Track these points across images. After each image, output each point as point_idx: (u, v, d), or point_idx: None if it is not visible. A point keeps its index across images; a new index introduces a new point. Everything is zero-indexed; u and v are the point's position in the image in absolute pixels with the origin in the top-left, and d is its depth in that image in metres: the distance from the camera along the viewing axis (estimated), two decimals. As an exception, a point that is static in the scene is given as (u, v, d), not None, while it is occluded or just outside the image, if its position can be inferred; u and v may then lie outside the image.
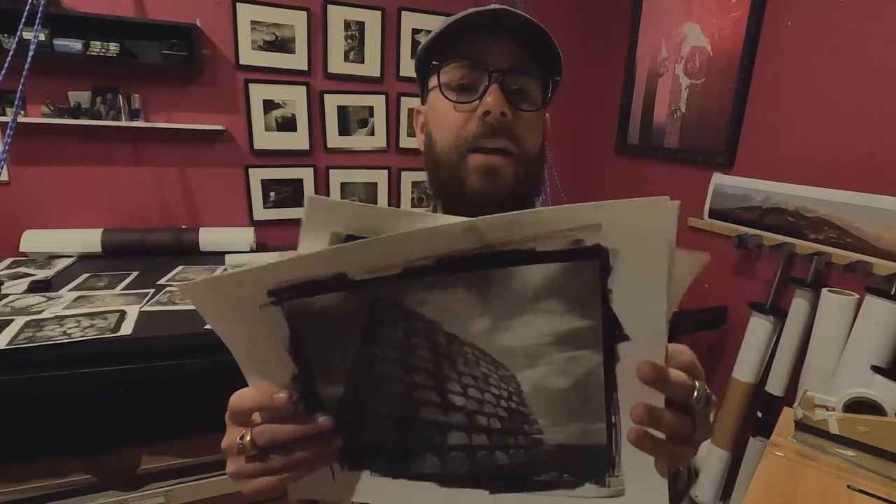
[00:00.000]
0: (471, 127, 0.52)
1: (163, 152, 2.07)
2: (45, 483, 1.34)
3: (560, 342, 0.33)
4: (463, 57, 0.53)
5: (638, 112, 2.25)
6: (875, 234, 1.36)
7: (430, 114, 0.58)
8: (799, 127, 1.58)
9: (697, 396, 0.33)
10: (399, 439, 0.37)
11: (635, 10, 2.23)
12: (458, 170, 0.53)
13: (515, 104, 0.53)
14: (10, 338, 1.24)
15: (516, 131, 0.53)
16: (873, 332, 1.30)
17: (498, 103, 0.51)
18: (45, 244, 1.91)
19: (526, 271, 0.31)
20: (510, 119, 0.51)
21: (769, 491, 0.90)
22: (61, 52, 1.74)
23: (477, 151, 0.52)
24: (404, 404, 0.36)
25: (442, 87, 0.54)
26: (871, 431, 0.97)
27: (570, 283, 0.31)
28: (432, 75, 0.55)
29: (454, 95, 0.53)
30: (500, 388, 0.34)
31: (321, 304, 0.33)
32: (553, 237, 0.30)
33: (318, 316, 0.33)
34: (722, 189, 1.83)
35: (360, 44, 2.24)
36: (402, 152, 2.44)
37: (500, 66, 0.52)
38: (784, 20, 1.61)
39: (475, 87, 0.53)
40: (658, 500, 0.34)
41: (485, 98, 0.51)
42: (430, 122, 0.58)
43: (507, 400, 0.34)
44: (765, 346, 1.63)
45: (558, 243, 0.30)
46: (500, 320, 0.33)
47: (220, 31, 2.03)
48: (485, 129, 0.51)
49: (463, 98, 0.53)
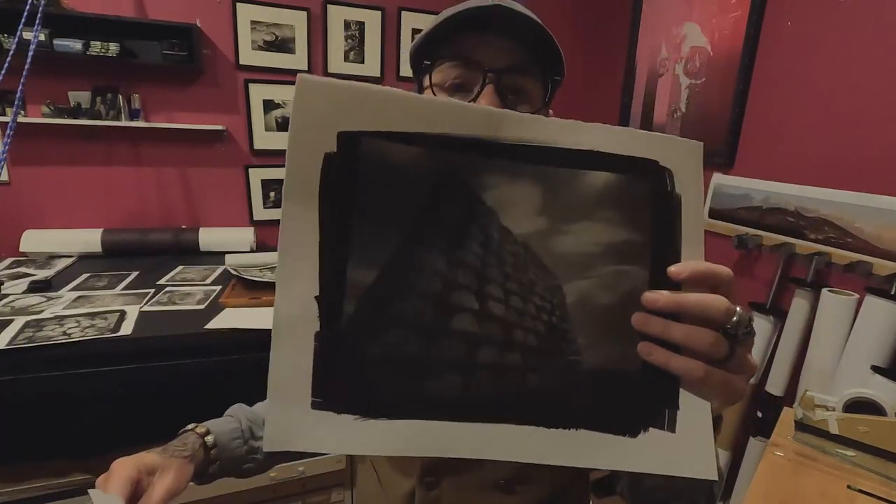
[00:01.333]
0: None
1: (163, 152, 2.07)
2: (45, 483, 1.34)
3: (612, 254, 0.32)
4: (456, 56, 0.50)
5: (638, 112, 2.25)
6: (875, 234, 1.36)
7: None
8: (799, 127, 1.58)
9: (738, 320, 0.31)
10: (420, 350, 0.32)
11: (635, 10, 2.23)
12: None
13: (512, 106, 0.50)
14: (10, 338, 1.24)
15: None
16: (873, 332, 1.30)
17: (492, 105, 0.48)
18: (45, 244, 1.91)
19: (590, 176, 0.32)
20: None
21: (769, 491, 0.90)
22: (61, 52, 1.74)
23: None
24: (438, 306, 0.31)
25: (434, 88, 0.52)
26: (870, 431, 0.97)
27: (628, 195, 0.32)
28: (425, 74, 0.53)
29: (447, 97, 0.51)
30: (543, 299, 0.32)
31: (394, 155, 0.30)
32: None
33: (384, 170, 0.30)
34: (722, 189, 1.83)
35: (360, 44, 2.24)
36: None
37: (496, 65, 0.49)
38: (784, 20, 1.61)
39: (469, 87, 0.50)
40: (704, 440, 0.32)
41: (478, 100, 0.49)
42: None
43: (550, 314, 0.32)
44: (765, 346, 1.63)
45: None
46: (558, 223, 0.32)
47: (220, 31, 2.03)
48: None
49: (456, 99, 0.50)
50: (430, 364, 0.32)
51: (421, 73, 0.55)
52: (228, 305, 1.54)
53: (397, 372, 0.32)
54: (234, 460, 0.61)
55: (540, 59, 0.51)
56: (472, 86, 0.50)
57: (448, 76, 0.51)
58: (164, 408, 1.44)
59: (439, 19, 0.50)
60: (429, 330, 0.31)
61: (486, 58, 0.49)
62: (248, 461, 0.63)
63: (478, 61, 0.49)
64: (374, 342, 0.31)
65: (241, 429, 0.63)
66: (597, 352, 0.32)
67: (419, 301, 0.31)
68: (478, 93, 0.49)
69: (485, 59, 0.49)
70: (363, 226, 0.31)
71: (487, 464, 0.60)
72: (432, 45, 0.51)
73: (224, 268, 1.88)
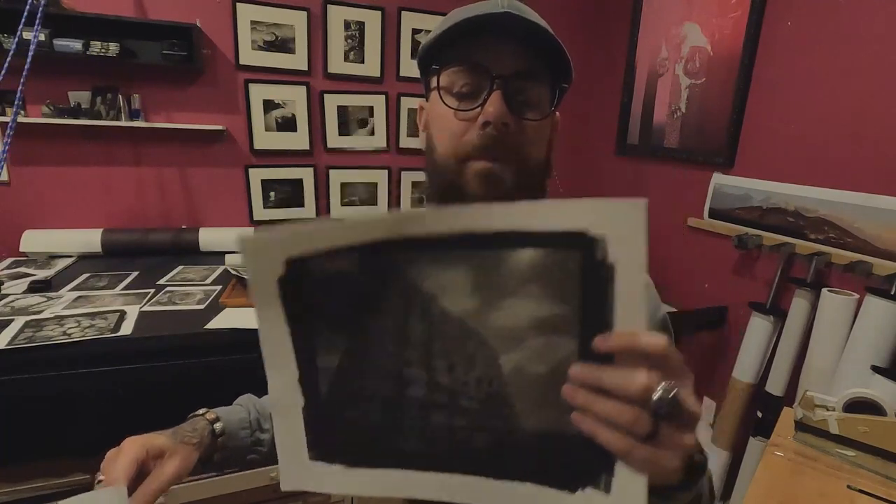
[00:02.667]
0: (471, 136, 0.50)
1: (163, 152, 2.07)
2: (45, 483, 1.34)
3: (541, 326, 0.34)
4: (463, 60, 0.50)
5: (638, 112, 2.25)
6: (875, 234, 1.36)
7: (430, 115, 0.55)
8: (799, 127, 1.58)
9: (660, 398, 0.30)
10: (384, 417, 0.38)
11: (635, 10, 2.23)
12: (457, 176, 0.51)
13: (519, 112, 0.49)
14: (10, 338, 1.24)
15: (519, 141, 0.50)
16: (873, 332, 1.30)
17: (499, 113, 0.48)
18: (45, 244, 1.91)
19: (515, 254, 0.33)
20: (513, 129, 0.49)
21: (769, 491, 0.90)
22: (61, 52, 1.74)
23: (477, 159, 0.50)
24: (393, 380, 0.37)
25: (441, 92, 0.51)
26: (870, 431, 0.97)
27: (556, 269, 0.33)
28: (433, 76, 0.53)
29: (454, 102, 0.51)
30: (483, 370, 0.36)
31: (333, 267, 0.36)
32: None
33: (327, 280, 0.37)
34: (722, 189, 1.83)
35: (360, 44, 2.24)
36: (402, 152, 2.44)
37: (504, 71, 0.49)
38: (784, 20, 1.61)
39: (476, 92, 0.50)
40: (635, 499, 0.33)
41: (486, 107, 0.48)
42: (430, 124, 0.55)
43: (489, 383, 0.36)
44: (765, 346, 1.63)
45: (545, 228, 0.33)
46: (491, 300, 0.35)
47: (220, 31, 2.03)
48: (485, 140, 0.49)
49: (463, 105, 0.50)
50: (393, 426, 0.38)
51: (428, 74, 0.55)
52: (228, 305, 1.54)
53: (369, 433, 0.39)
54: (240, 450, 0.61)
55: (548, 65, 0.51)
56: (479, 92, 0.50)
57: (456, 81, 0.51)
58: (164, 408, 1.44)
59: (448, 23, 0.50)
60: (387, 400, 0.38)
61: (494, 63, 0.49)
62: (252, 452, 0.62)
63: (486, 67, 0.49)
64: (347, 411, 0.39)
65: (249, 419, 0.63)
66: (535, 416, 0.35)
67: (377, 377, 0.38)
68: (485, 99, 0.49)
69: (493, 65, 0.49)
70: (321, 323, 0.38)
71: None
72: (441, 47, 0.51)
73: (224, 268, 1.88)
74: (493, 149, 0.49)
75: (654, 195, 2.23)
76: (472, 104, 0.50)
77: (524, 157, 0.51)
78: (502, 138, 0.48)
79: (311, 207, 2.35)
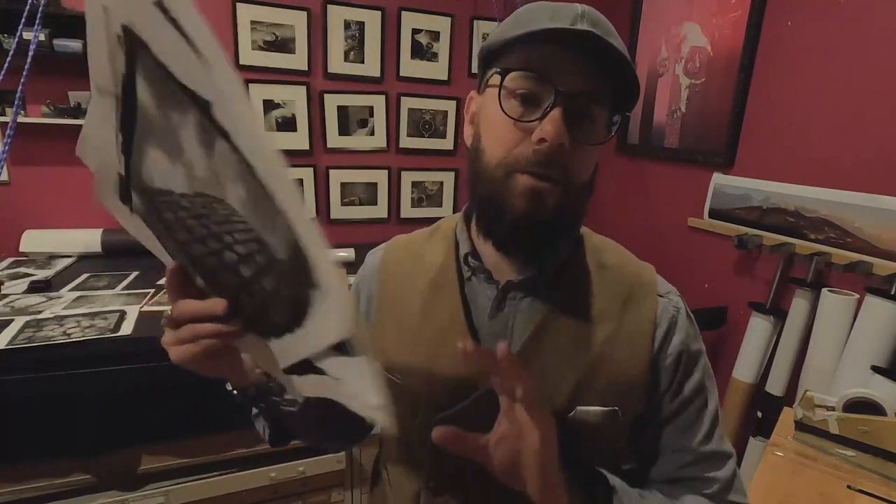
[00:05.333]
0: (523, 149, 0.48)
1: (163, 152, 2.07)
2: (45, 483, 1.34)
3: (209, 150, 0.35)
4: (530, 67, 0.48)
5: (638, 112, 2.25)
6: (875, 234, 1.36)
7: (482, 114, 0.54)
8: (799, 127, 1.58)
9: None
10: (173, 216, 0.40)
11: (635, 10, 2.23)
12: (502, 188, 0.49)
13: (576, 134, 0.48)
14: (10, 338, 1.24)
15: (570, 162, 0.48)
16: (873, 332, 1.30)
17: (557, 133, 0.46)
18: (45, 244, 1.91)
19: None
20: (567, 149, 0.47)
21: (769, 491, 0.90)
22: (61, 52, 1.74)
23: (525, 174, 0.48)
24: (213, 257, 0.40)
25: (500, 97, 0.49)
26: (870, 431, 0.97)
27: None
28: (493, 75, 0.51)
29: (512, 110, 0.49)
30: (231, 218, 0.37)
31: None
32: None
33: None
34: (722, 189, 1.83)
35: (360, 44, 2.24)
36: (402, 152, 2.43)
37: (569, 87, 0.47)
38: (784, 20, 1.61)
39: (537, 104, 0.48)
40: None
41: (544, 123, 0.47)
42: (481, 123, 0.54)
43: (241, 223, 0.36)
44: (765, 346, 1.63)
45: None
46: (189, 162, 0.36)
47: (219, 31, 2.03)
48: (537, 157, 0.47)
49: (521, 114, 0.48)
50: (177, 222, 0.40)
51: (488, 68, 0.53)
52: (228, 305, 1.53)
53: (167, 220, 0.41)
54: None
55: (615, 89, 0.49)
56: (540, 104, 0.48)
57: (517, 88, 0.49)
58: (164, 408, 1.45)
59: (523, 27, 0.47)
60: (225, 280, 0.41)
61: (560, 78, 0.47)
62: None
63: (551, 79, 0.47)
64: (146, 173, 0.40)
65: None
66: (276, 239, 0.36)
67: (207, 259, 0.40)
68: (545, 112, 0.47)
69: (559, 79, 0.47)
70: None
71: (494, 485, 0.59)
72: (509, 46, 0.49)
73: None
74: (544, 166, 0.48)
75: (654, 195, 2.23)
76: (530, 115, 0.48)
77: (572, 178, 0.49)
78: (555, 157, 0.47)
79: (311, 207, 2.35)
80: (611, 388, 0.56)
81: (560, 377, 0.56)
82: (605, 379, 0.56)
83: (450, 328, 0.58)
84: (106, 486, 1.40)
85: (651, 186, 2.24)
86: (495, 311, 0.58)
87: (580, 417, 0.56)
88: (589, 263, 0.59)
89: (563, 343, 0.56)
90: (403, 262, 0.65)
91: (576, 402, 0.56)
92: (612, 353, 0.56)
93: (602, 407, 0.56)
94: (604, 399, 0.56)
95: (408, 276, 0.63)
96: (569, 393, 0.56)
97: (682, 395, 0.59)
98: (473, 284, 0.59)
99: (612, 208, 2.51)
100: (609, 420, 0.56)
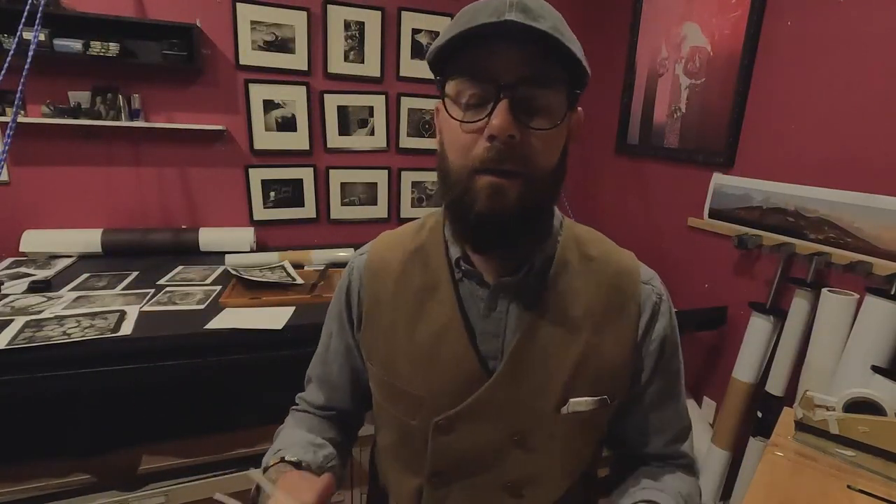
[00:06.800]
0: (478, 149, 0.48)
1: (163, 152, 2.07)
2: (45, 483, 1.34)
3: None
4: (467, 70, 0.48)
5: (638, 112, 2.25)
6: (875, 234, 1.36)
7: (442, 122, 0.54)
8: (799, 127, 1.58)
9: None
10: None
11: (635, 10, 2.23)
12: (467, 191, 0.49)
13: (527, 122, 0.47)
14: (10, 338, 1.24)
15: (528, 152, 0.48)
16: (873, 332, 1.30)
17: (505, 125, 0.46)
18: (45, 244, 1.91)
19: None
20: (519, 139, 0.47)
21: (769, 491, 0.90)
22: (61, 52, 1.74)
23: (485, 173, 0.48)
24: None
25: (447, 103, 0.50)
26: (871, 431, 0.97)
27: None
28: (440, 87, 0.51)
29: (459, 113, 0.49)
30: None
31: None
32: None
33: None
34: (722, 189, 1.83)
35: (360, 44, 2.24)
36: (402, 152, 2.44)
37: (510, 78, 0.46)
38: (784, 20, 1.61)
39: (483, 103, 0.48)
40: None
41: (491, 119, 0.46)
42: (443, 130, 0.54)
43: None
44: (765, 346, 1.63)
45: None
46: None
47: (220, 31, 2.03)
48: (492, 154, 0.47)
49: (469, 116, 0.48)
50: None
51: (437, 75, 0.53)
52: (228, 305, 1.54)
53: None
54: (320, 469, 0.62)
55: (564, 67, 0.49)
56: (486, 102, 0.48)
57: (462, 91, 0.49)
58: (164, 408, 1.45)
59: (452, 30, 0.47)
60: None
61: (500, 71, 0.46)
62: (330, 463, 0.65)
63: (491, 75, 0.47)
64: None
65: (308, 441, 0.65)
66: None
67: None
68: (491, 109, 0.47)
69: (499, 73, 0.46)
70: None
71: (495, 467, 0.60)
72: (448, 53, 0.49)
73: (224, 268, 1.88)
74: (500, 162, 0.47)
75: (654, 195, 2.23)
76: (478, 115, 0.48)
77: (533, 167, 0.49)
78: (509, 150, 0.47)
79: (311, 207, 2.35)
80: (600, 377, 0.58)
81: (554, 372, 0.57)
82: (594, 369, 0.58)
83: (447, 328, 0.59)
84: (106, 486, 1.40)
85: (651, 186, 2.24)
86: (488, 311, 0.58)
87: (573, 409, 0.57)
88: (575, 256, 0.60)
89: (555, 338, 0.57)
90: (391, 262, 0.64)
91: (569, 395, 0.57)
92: (600, 343, 0.58)
93: (593, 397, 0.58)
94: (594, 388, 0.58)
95: (399, 277, 0.63)
96: (562, 386, 0.57)
97: (666, 377, 0.63)
98: (466, 285, 0.60)
99: (612, 208, 2.51)
100: (600, 407, 0.59)
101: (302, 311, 1.52)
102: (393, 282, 0.63)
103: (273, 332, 1.39)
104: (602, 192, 2.58)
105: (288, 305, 1.57)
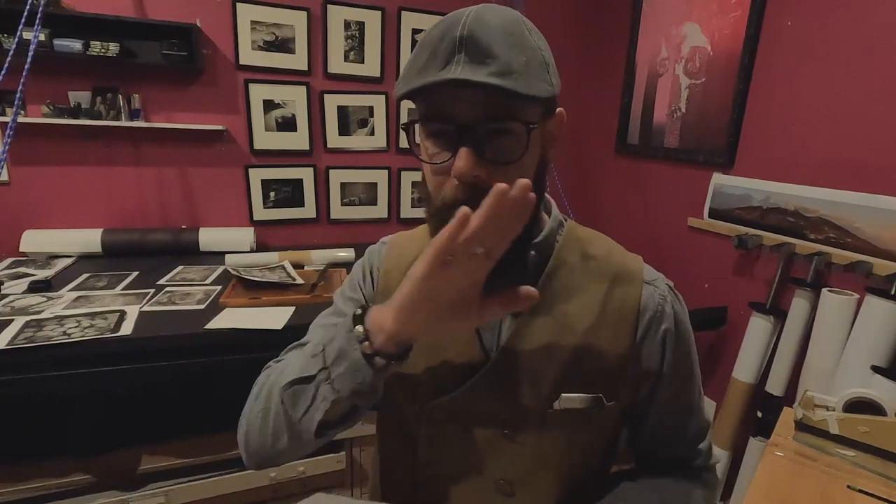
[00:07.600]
0: (448, 189, 0.50)
1: (163, 152, 2.07)
2: (45, 483, 1.34)
3: None
4: (426, 114, 0.50)
5: (638, 112, 2.25)
6: (875, 234, 1.36)
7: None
8: (799, 127, 1.58)
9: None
10: None
11: (635, 10, 2.23)
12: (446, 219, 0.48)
13: (493, 158, 0.48)
14: (10, 338, 1.24)
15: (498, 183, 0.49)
16: (873, 332, 1.30)
17: (467, 169, 0.47)
18: (45, 244, 1.91)
19: None
20: (485, 177, 0.48)
21: (769, 491, 0.90)
22: (61, 52, 1.74)
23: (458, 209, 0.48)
24: None
25: (413, 146, 0.53)
26: (871, 431, 0.97)
27: None
28: (408, 132, 0.54)
29: (427, 155, 0.51)
30: None
31: None
32: None
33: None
34: (722, 189, 1.83)
35: (360, 44, 2.24)
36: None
37: (469, 119, 0.47)
38: (784, 20, 1.61)
39: (447, 143, 0.49)
40: None
41: (455, 161, 0.48)
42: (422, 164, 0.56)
43: None
44: (765, 346, 1.63)
45: None
46: None
47: (220, 31, 2.03)
48: (461, 193, 0.48)
49: (437, 157, 0.50)
50: None
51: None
52: (228, 305, 1.54)
53: None
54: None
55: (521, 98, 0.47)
56: (448, 143, 0.49)
57: (427, 132, 0.51)
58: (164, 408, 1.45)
59: (404, 84, 0.48)
60: None
61: (459, 113, 0.47)
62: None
63: (450, 118, 0.48)
64: None
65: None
66: None
67: None
68: (455, 150, 0.48)
69: (458, 115, 0.47)
70: None
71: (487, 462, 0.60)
72: (410, 95, 0.50)
73: (224, 268, 1.88)
74: (471, 198, 0.47)
75: (654, 195, 2.23)
76: (444, 156, 0.50)
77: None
78: (478, 188, 0.47)
79: (311, 207, 2.35)
80: (595, 374, 0.58)
81: (546, 366, 0.58)
82: (588, 365, 0.58)
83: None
84: (106, 486, 1.40)
85: (651, 186, 2.24)
86: None
87: (565, 405, 0.58)
88: (575, 256, 0.61)
89: (548, 333, 0.58)
90: (408, 252, 0.67)
91: (560, 390, 0.58)
92: (595, 341, 0.58)
93: (586, 393, 0.58)
94: (588, 386, 0.58)
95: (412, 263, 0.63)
96: (553, 380, 0.58)
97: (677, 380, 0.63)
98: None
99: (612, 208, 2.51)
100: (595, 406, 0.58)
101: (302, 312, 1.52)
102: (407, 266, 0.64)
103: (273, 332, 1.39)
104: (602, 193, 2.58)
105: (288, 305, 1.57)
